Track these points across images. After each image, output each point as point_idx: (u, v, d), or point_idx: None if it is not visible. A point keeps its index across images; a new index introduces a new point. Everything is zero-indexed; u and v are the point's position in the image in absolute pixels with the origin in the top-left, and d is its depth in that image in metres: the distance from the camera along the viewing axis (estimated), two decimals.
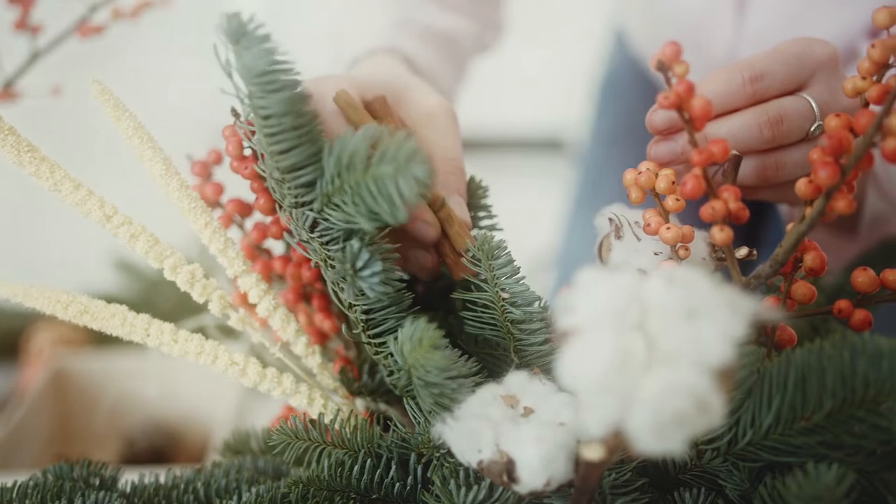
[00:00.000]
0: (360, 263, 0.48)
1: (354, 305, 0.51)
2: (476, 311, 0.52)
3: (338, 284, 0.51)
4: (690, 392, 0.33)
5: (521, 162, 2.65)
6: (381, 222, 0.46)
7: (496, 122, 2.63)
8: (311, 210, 0.49)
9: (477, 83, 0.91)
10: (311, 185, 0.49)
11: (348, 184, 0.46)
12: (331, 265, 0.50)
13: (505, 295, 0.50)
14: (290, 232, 0.52)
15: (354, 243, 0.48)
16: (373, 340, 0.52)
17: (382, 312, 0.51)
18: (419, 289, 0.60)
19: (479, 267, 0.50)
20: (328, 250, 0.50)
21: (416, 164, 0.42)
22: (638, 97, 1.17)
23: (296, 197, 0.49)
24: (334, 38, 0.84)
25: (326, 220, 0.49)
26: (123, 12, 0.75)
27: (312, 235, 0.50)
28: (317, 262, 0.52)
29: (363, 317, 0.51)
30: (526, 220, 0.63)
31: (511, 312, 0.50)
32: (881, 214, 0.70)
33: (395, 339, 0.46)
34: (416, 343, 0.44)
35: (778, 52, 0.55)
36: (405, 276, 0.51)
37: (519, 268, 0.50)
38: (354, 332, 0.53)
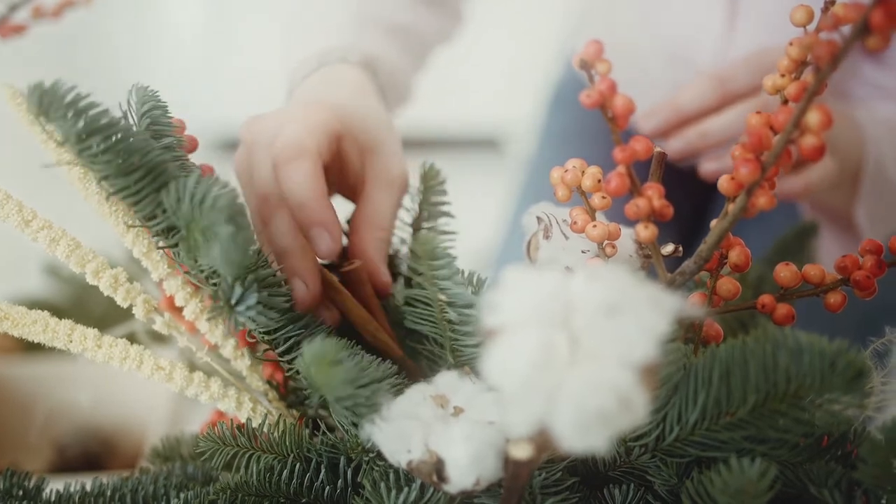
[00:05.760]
0: (234, 299, 0.47)
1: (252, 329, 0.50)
2: (417, 307, 0.51)
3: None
4: (613, 389, 0.33)
5: (456, 161, 2.66)
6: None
7: (433, 121, 2.63)
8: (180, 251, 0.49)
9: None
10: (171, 228, 0.48)
11: (192, 234, 0.45)
12: (213, 299, 0.49)
13: (442, 297, 0.49)
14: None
15: (227, 278, 0.47)
16: (283, 359, 0.51)
17: (283, 332, 0.50)
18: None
19: (420, 265, 0.50)
20: (213, 285, 0.49)
21: (222, 225, 0.42)
22: None
23: (163, 241, 0.49)
24: (290, 31, 0.83)
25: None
26: (45, 11, 0.73)
27: (191, 273, 0.49)
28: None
29: (266, 337, 0.51)
30: (462, 219, 0.63)
31: (447, 313, 0.50)
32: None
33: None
34: (317, 363, 0.43)
35: (741, 59, 0.71)
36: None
37: (459, 270, 0.50)
38: (261, 353, 0.53)
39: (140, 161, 0.46)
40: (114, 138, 0.45)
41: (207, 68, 2.89)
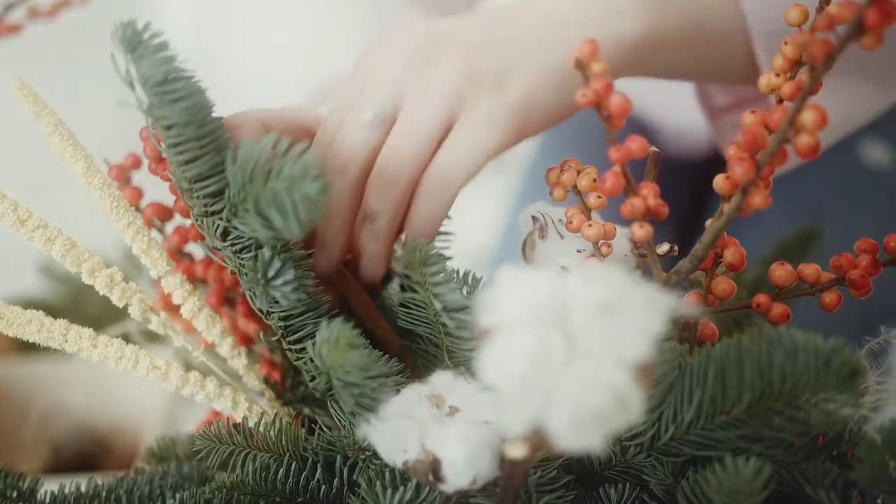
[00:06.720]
0: (271, 272, 0.48)
1: (272, 312, 0.50)
2: (411, 309, 0.51)
3: (252, 292, 0.50)
4: (609, 388, 0.33)
5: None
6: (278, 236, 0.46)
7: None
8: (221, 219, 0.48)
9: None
10: (218, 193, 0.48)
11: (251, 196, 0.45)
12: (244, 273, 0.49)
13: (437, 304, 0.49)
14: (204, 239, 0.51)
15: (266, 251, 0.47)
16: (293, 346, 0.51)
17: (301, 318, 0.50)
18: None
19: (414, 272, 0.50)
20: (241, 258, 0.49)
21: (309, 181, 0.42)
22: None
23: (204, 206, 0.49)
24: (307, 52, 0.84)
25: (236, 228, 0.48)
26: (40, 11, 0.73)
27: (224, 244, 0.49)
28: (233, 270, 0.51)
29: (281, 323, 0.50)
30: (459, 219, 0.63)
31: (442, 318, 0.50)
32: None
33: (314, 343, 0.46)
34: (333, 344, 0.43)
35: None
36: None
37: (453, 275, 0.50)
38: (273, 338, 0.53)
39: (209, 116, 0.47)
40: (195, 87, 0.46)
41: (205, 69, 2.88)
